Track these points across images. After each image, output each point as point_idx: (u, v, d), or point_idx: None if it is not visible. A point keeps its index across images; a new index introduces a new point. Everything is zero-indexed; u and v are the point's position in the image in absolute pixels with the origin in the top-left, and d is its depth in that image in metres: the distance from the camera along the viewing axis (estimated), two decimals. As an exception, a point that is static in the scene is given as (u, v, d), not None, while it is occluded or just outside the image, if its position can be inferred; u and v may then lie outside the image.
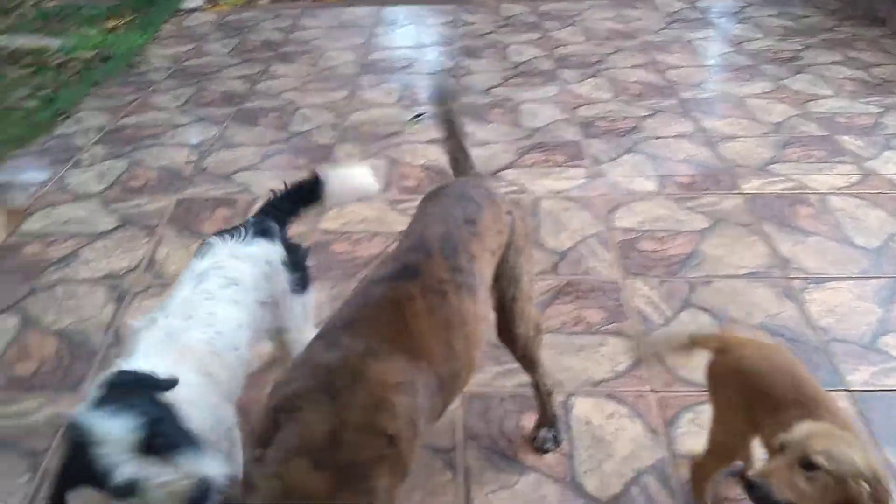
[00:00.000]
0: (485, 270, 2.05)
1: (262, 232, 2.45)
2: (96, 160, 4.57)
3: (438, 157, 4.42)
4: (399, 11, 7.20)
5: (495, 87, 5.43)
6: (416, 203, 3.77)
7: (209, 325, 2.15)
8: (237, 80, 5.75)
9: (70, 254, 3.68)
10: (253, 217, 2.60)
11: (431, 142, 4.56)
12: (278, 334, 2.51)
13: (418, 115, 4.95)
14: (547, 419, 2.63)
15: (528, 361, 2.47)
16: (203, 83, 5.72)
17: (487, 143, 4.57)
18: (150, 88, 5.68)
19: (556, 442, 2.61)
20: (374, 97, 5.34)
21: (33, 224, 3.94)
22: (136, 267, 3.57)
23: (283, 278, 2.45)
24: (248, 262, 2.35)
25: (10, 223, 3.91)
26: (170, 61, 6.21)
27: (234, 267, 2.31)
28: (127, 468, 1.61)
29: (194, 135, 4.87)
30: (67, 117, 5.18)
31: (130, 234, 3.80)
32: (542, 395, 2.59)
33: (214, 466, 1.66)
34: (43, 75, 5.84)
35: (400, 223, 3.79)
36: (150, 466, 1.61)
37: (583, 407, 2.75)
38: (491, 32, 6.58)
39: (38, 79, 5.79)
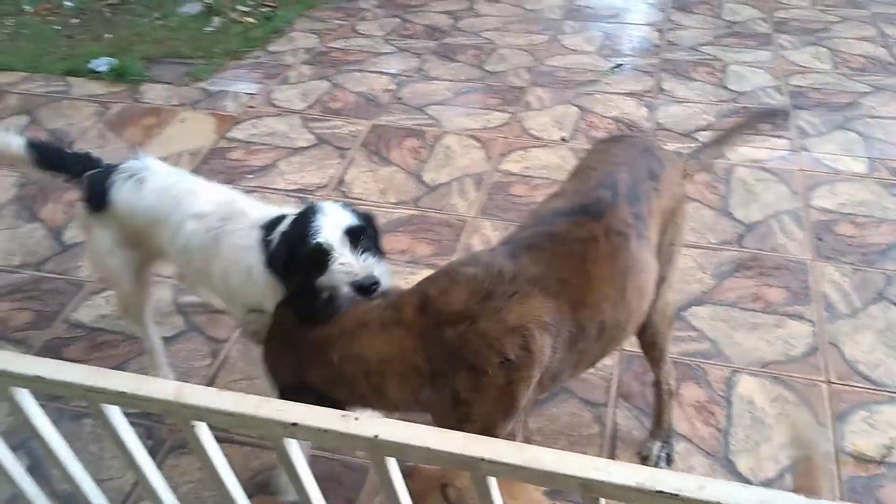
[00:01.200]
0: (654, 231, 1.97)
1: None
2: (302, 79, 4.79)
3: (632, 110, 4.30)
4: (613, -41, 6.98)
5: (704, 45, 5.17)
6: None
7: None
8: (441, 15, 5.81)
9: (269, 164, 3.91)
10: None
11: (627, 94, 4.44)
12: None
13: (617, 66, 4.81)
14: (662, 430, 2.42)
15: (656, 353, 2.27)
16: (409, 15, 5.83)
17: (687, 101, 4.38)
18: (359, 16, 5.85)
19: (669, 460, 2.39)
20: (574, 43, 5.23)
21: (240, 132, 4.21)
22: (326, 185, 3.74)
23: None
24: None
25: (220, 128, 4.21)
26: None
27: None
28: (329, 239, 1.90)
29: (394, 64, 4.99)
30: (281, 36, 5.45)
31: (325, 153, 3.98)
32: (662, 396, 2.38)
33: (385, 276, 1.92)
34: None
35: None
36: (344, 248, 1.90)
37: (747, 385, 2.64)
38: (707, -13, 6.25)
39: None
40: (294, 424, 1.26)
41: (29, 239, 3.48)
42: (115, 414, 1.43)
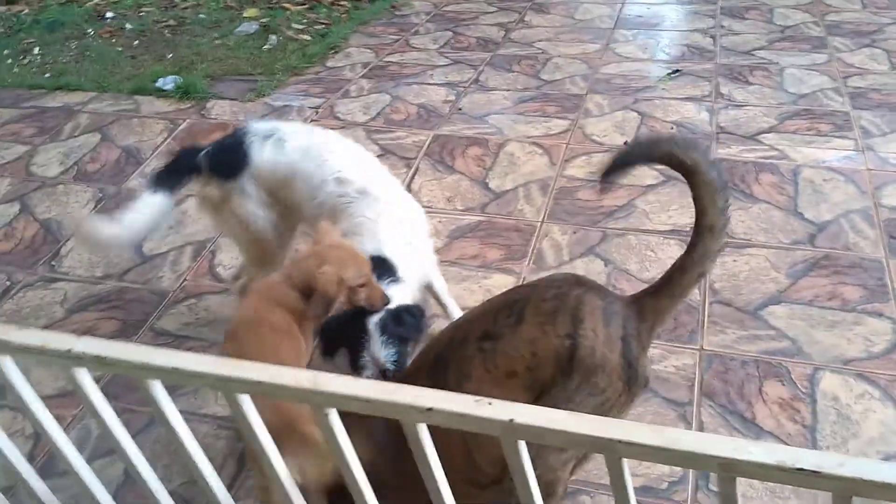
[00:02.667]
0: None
1: None
2: (362, 92, 4.88)
3: (693, 114, 4.32)
4: (659, -33, 7.01)
5: (758, 49, 5.17)
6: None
7: None
8: (493, 28, 5.88)
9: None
10: None
11: (686, 99, 4.46)
12: None
13: (674, 72, 4.83)
14: None
15: None
16: (460, 28, 5.91)
17: (746, 105, 4.39)
18: (411, 31, 5.94)
19: None
20: (627, 51, 5.27)
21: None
22: (393, 193, 3.81)
23: None
24: None
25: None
26: (430, 6, 6.45)
27: None
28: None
29: (451, 76, 5.06)
30: (337, 52, 5.56)
31: (390, 162, 4.04)
32: None
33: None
34: (317, 12, 6.28)
35: (648, 177, 3.76)
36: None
37: (830, 382, 2.63)
38: (756, -7, 6.24)
39: (313, 14, 6.23)
40: (430, 409, 1.30)
41: (110, 251, 3.58)
42: (247, 403, 1.49)
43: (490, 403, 1.29)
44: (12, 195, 4.05)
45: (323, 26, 6.02)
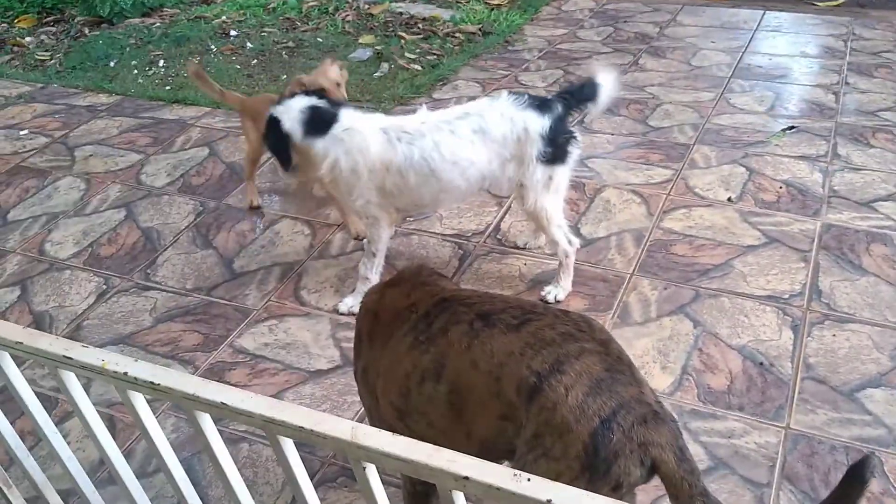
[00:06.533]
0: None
1: (538, 106, 3.12)
2: (464, 126, 4.87)
3: (805, 174, 4.11)
4: (785, 18, 6.75)
5: (884, 110, 4.89)
6: (771, 219, 3.57)
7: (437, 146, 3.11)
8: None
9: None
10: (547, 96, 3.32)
11: (800, 157, 4.25)
12: (519, 187, 3.20)
13: (789, 128, 4.62)
14: None
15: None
16: (571, 67, 5.84)
17: (864, 169, 4.15)
18: (522, 67, 5.91)
19: None
20: (743, 102, 5.08)
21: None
22: (483, 231, 3.78)
23: (535, 146, 3.09)
24: (508, 121, 3.09)
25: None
26: (544, 42, 6.42)
27: (493, 120, 3.09)
28: None
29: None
30: (445, 83, 5.59)
31: (485, 196, 4.02)
32: None
33: None
34: (431, 42, 6.35)
35: (749, 237, 3.60)
36: None
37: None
38: (888, 51, 5.92)
39: (426, 45, 6.30)
40: (466, 478, 1.25)
41: (202, 264, 3.68)
42: (289, 446, 1.47)
43: (529, 479, 1.23)
44: (120, 201, 4.23)
45: (435, 57, 6.07)
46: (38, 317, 3.44)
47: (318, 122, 3.10)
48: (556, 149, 3.11)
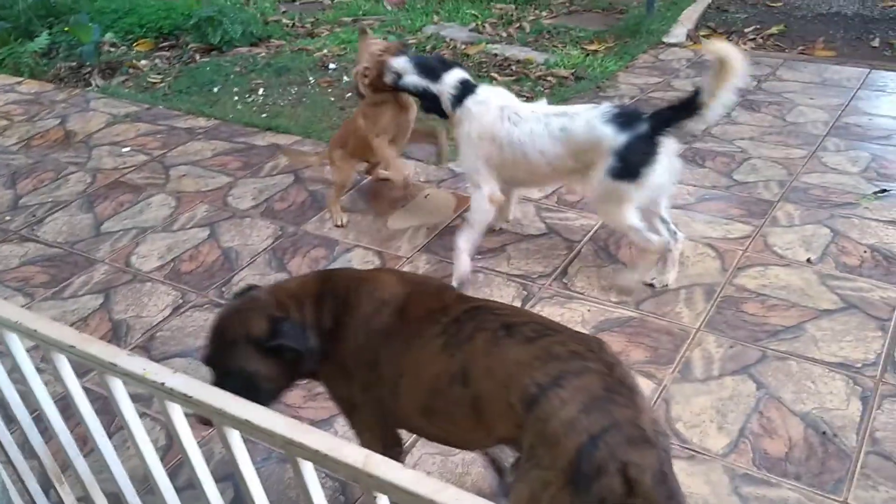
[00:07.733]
0: None
1: (621, 122, 3.34)
2: (544, 169, 4.89)
3: (893, 240, 3.94)
4: (892, 77, 6.51)
5: None
6: (851, 284, 3.44)
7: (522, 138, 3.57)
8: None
9: (498, 248, 4.00)
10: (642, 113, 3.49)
11: (889, 223, 4.08)
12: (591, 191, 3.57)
13: (882, 191, 4.45)
14: None
15: None
16: (661, 116, 5.78)
17: (956, 241, 3.95)
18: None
19: None
20: (835, 162, 4.92)
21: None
22: (549, 274, 3.77)
23: (605, 160, 3.34)
24: (589, 130, 3.39)
25: (459, 207, 4.39)
26: (636, 90, 6.39)
27: (578, 125, 3.43)
28: None
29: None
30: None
31: (553, 242, 4.02)
32: None
33: None
34: (522, 84, 6.41)
35: (825, 300, 3.47)
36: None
37: None
38: None
39: (517, 87, 6.36)
40: (470, 516, 1.26)
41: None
42: (308, 469, 1.50)
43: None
44: (206, 221, 4.41)
45: (525, 99, 6.11)
46: (116, 324, 3.61)
47: (465, 91, 3.75)
48: (626, 165, 3.32)
